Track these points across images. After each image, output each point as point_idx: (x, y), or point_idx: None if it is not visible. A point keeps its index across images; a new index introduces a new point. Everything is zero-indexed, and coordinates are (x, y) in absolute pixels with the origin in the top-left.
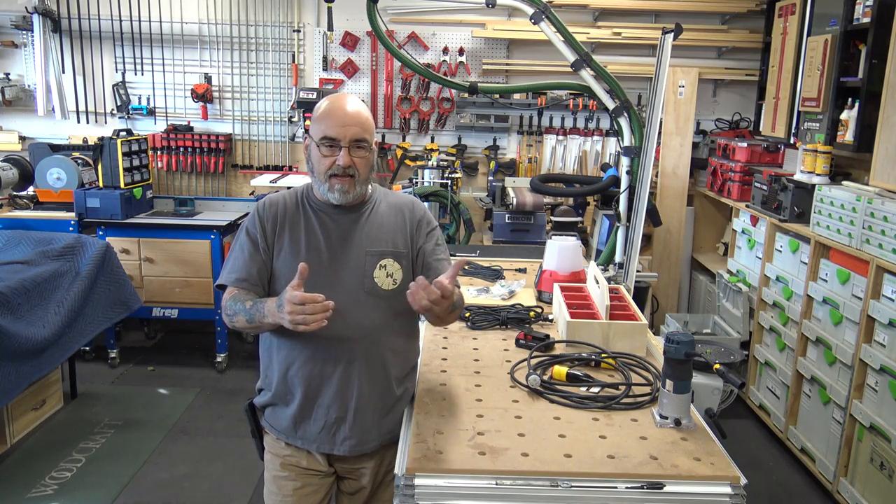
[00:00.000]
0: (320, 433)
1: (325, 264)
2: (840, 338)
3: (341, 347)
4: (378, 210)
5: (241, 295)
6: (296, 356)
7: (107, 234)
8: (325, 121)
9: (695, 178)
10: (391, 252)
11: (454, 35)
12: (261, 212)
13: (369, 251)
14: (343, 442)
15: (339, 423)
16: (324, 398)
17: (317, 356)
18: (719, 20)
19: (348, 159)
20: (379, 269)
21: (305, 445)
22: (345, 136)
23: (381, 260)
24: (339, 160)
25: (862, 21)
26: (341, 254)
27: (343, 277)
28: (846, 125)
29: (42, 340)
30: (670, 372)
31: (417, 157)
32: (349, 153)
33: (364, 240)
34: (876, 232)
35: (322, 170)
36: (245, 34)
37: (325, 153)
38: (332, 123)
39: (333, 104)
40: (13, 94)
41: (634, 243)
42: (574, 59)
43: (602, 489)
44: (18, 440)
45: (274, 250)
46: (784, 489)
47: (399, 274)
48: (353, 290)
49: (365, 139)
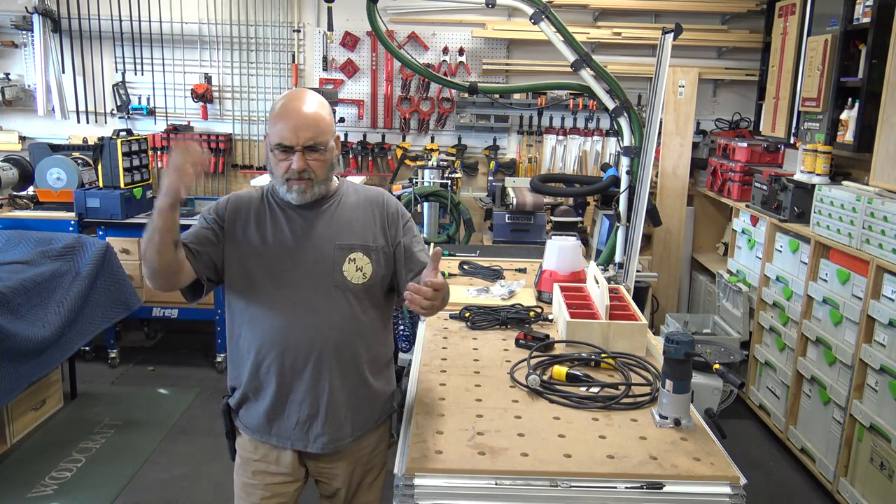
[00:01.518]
0: (294, 430)
1: (293, 259)
2: (840, 338)
3: (312, 342)
4: (346, 203)
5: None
6: (266, 352)
7: (107, 234)
8: (278, 124)
9: (695, 178)
10: (360, 246)
11: (454, 35)
12: (220, 205)
13: (338, 245)
14: (316, 439)
15: (312, 419)
16: (296, 394)
17: (287, 351)
18: (719, 20)
19: (302, 163)
20: (348, 263)
21: (280, 443)
22: (297, 141)
23: (350, 254)
24: (294, 164)
25: (862, 21)
26: (309, 248)
27: (311, 272)
28: (846, 125)
29: (42, 340)
30: (670, 372)
31: (417, 157)
32: (303, 157)
33: (332, 234)
34: (876, 232)
35: (279, 174)
36: (245, 34)
37: (279, 157)
38: (285, 128)
39: (288, 105)
40: (13, 94)
41: (634, 243)
42: (574, 59)
43: (602, 489)
44: (18, 440)
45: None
46: (784, 489)
47: (369, 268)
48: (323, 285)
49: (319, 143)
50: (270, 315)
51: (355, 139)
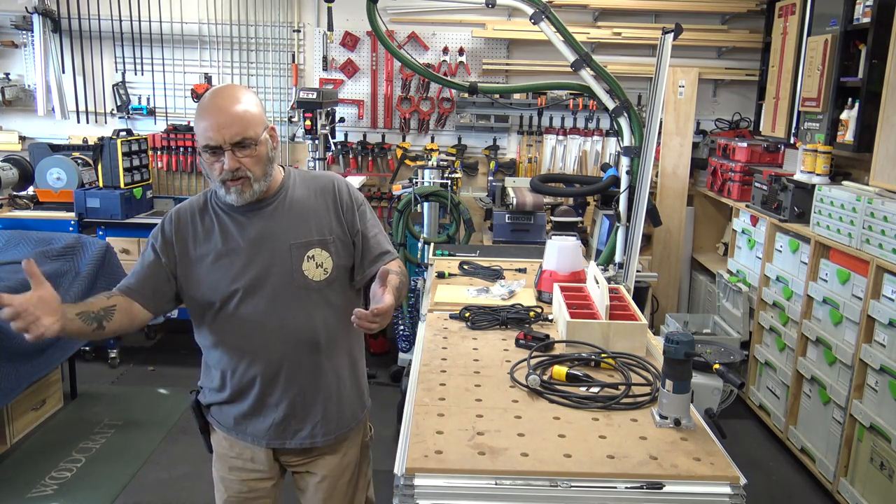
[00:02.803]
0: (269, 429)
1: (250, 265)
2: (840, 338)
3: (282, 347)
4: (294, 197)
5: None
6: (238, 361)
7: (107, 234)
8: (201, 124)
9: (695, 178)
10: (317, 241)
11: (454, 35)
12: (166, 227)
13: (293, 244)
14: (294, 435)
15: (289, 419)
16: (271, 398)
17: (258, 359)
18: (719, 20)
19: (234, 163)
20: (307, 262)
21: (255, 441)
22: (223, 139)
23: (307, 251)
24: (225, 165)
25: (862, 21)
26: (263, 252)
27: (271, 275)
28: (846, 125)
29: (42, 340)
30: (670, 372)
31: (417, 157)
32: (234, 156)
33: (285, 232)
34: (876, 232)
35: (214, 176)
36: (245, 34)
37: (209, 160)
38: (209, 127)
39: (209, 103)
40: (13, 94)
41: (634, 243)
42: (574, 59)
43: (601, 489)
44: (18, 440)
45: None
46: (784, 489)
47: (329, 262)
48: (284, 287)
49: (247, 138)
50: (236, 324)
51: (355, 139)
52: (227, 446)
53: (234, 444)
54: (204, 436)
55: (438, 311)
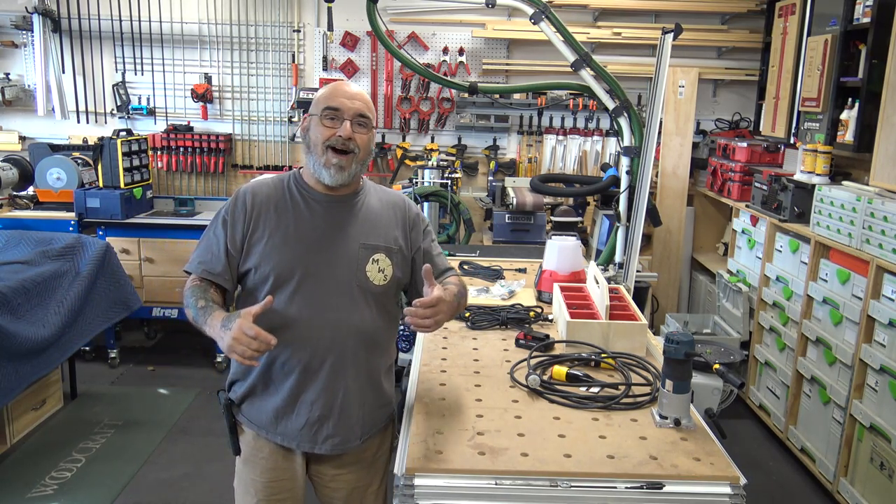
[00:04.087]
0: (302, 430)
1: (317, 254)
2: (840, 338)
3: (331, 342)
4: (369, 203)
5: (199, 289)
6: (283, 348)
7: (107, 234)
8: (330, 96)
9: (695, 178)
10: (384, 247)
11: (454, 35)
12: (242, 199)
13: (363, 244)
14: (326, 440)
15: (323, 420)
16: (308, 393)
17: (305, 350)
18: (719, 20)
19: (350, 131)
20: (371, 264)
21: (286, 442)
22: (349, 108)
23: (374, 254)
24: (341, 131)
25: (862, 21)
26: (334, 245)
27: (335, 269)
28: (846, 125)
29: (42, 340)
30: (670, 372)
31: (417, 157)
32: (351, 126)
33: (358, 232)
34: (876, 232)
35: (321, 140)
36: (245, 34)
37: (326, 124)
38: (337, 96)
39: (338, 85)
40: (13, 94)
41: (634, 243)
42: (574, 59)
43: (601, 489)
44: (18, 440)
45: (254, 239)
46: (784, 489)
47: (389, 270)
48: (345, 284)
49: (368, 116)
50: (290, 311)
51: None
52: (257, 447)
53: (263, 445)
54: (232, 436)
55: None
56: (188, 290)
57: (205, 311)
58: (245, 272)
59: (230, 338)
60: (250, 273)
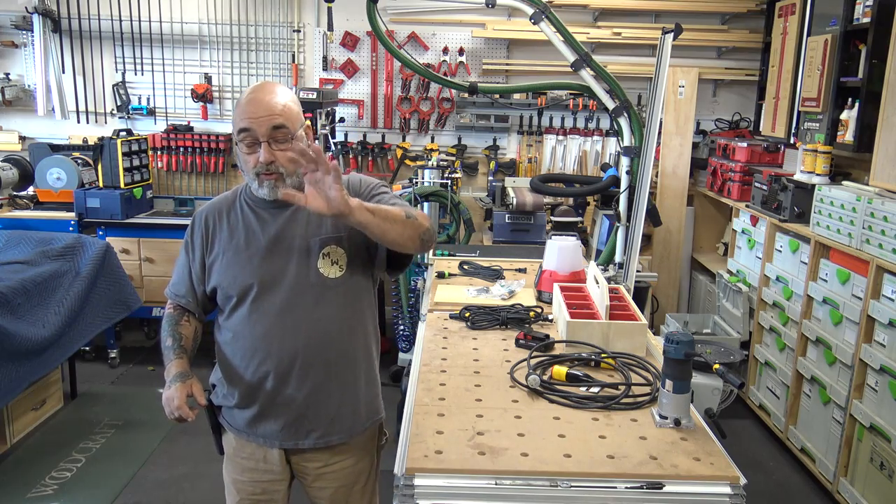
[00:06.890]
0: (281, 431)
1: (269, 262)
2: (840, 338)
3: (295, 345)
4: None
5: (172, 320)
6: (250, 359)
7: (107, 234)
8: (239, 114)
9: (695, 178)
10: (333, 237)
11: (454, 35)
12: (198, 222)
13: (311, 241)
14: (308, 435)
15: (300, 420)
16: (283, 398)
17: (271, 359)
18: (719, 20)
19: (269, 154)
20: (322, 259)
21: (267, 443)
22: (259, 125)
23: (323, 248)
24: (261, 157)
25: (862, 21)
26: (284, 248)
27: (288, 273)
28: (846, 125)
29: (42, 340)
30: (670, 372)
31: (417, 157)
32: (269, 148)
33: (305, 230)
34: (876, 232)
35: (248, 168)
36: (245, 34)
37: (245, 151)
38: (245, 115)
39: (250, 96)
40: (13, 94)
41: (634, 243)
42: (574, 59)
43: (601, 489)
44: (18, 440)
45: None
46: (784, 489)
47: (343, 259)
48: (301, 285)
49: (284, 126)
50: (251, 321)
51: (355, 139)
52: (238, 447)
53: (245, 445)
54: (216, 436)
55: (438, 311)
56: (164, 319)
57: (168, 353)
58: (212, 291)
59: (164, 396)
60: (217, 292)
